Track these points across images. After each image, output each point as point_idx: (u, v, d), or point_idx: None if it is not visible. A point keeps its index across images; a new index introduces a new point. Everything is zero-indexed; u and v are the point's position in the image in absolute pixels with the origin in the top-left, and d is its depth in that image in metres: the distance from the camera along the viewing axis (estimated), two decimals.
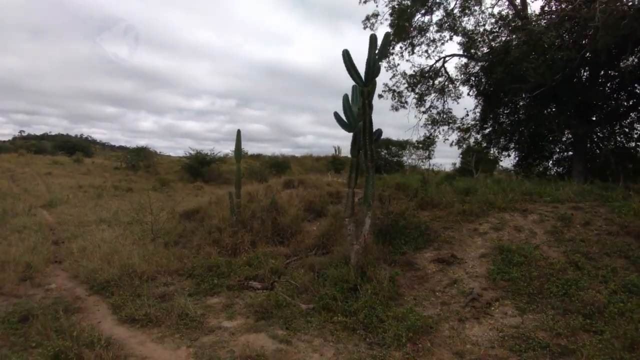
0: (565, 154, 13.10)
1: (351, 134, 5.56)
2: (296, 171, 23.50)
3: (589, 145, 11.56)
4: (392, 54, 13.59)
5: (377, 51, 4.87)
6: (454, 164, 22.03)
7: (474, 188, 8.33)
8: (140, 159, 25.03)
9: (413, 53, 14.61)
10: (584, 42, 9.77)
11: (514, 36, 12.27)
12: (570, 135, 12.07)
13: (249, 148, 33.29)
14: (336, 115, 5.65)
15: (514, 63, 10.54)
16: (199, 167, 22.08)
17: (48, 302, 4.86)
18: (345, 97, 5.49)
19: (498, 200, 7.14)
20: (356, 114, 5.29)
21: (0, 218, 9.63)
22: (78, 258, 6.65)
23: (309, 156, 28.54)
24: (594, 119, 11.43)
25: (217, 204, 8.95)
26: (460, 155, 20.12)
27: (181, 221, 8.86)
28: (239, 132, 7.50)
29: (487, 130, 13.95)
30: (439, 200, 7.90)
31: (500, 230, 6.19)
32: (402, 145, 28.83)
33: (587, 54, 9.41)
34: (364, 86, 4.95)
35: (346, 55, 5.09)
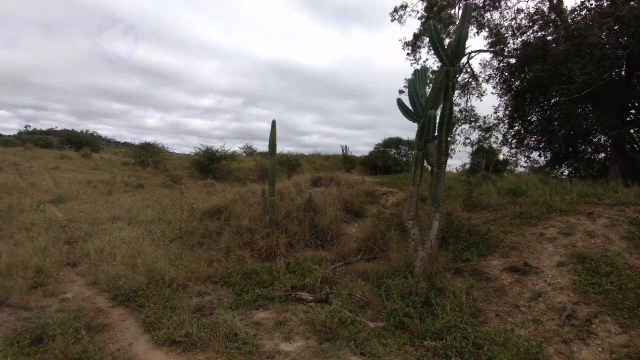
0: (597, 155, 12.51)
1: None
2: (306, 170, 22.84)
3: (628, 146, 10.95)
4: (421, 47, 12.99)
5: (467, 25, 4.14)
6: (464, 165, 21.50)
7: (521, 189, 7.72)
8: (149, 155, 24.21)
9: None
10: (625, 40, 9.17)
11: (548, 31, 11.68)
12: (604, 136, 11.47)
13: (257, 146, 32.54)
14: (400, 102, 4.93)
15: (557, 62, 9.91)
16: (210, 164, 21.29)
17: (66, 318, 4.05)
18: (412, 82, 4.76)
19: (557, 203, 6.53)
20: (424, 101, 4.59)
21: (6, 214, 8.85)
22: (96, 261, 5.91)
23: (318, 155, 27.85)
24: (630, 119, 10.82)
25: (242, 202, 8.25)
26: (471, 156, 19.59)
27: (203, 220, 8.16)
28: (274, 123, 6.70)
29: (515, 129, 13.33)
30: (487, 202, 7.28)
31: (570, 236, 5.54)
32: (412, 145, 28.43)
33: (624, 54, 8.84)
34: (450, 66, 4.22)
35: (434, 28, 4.31)
